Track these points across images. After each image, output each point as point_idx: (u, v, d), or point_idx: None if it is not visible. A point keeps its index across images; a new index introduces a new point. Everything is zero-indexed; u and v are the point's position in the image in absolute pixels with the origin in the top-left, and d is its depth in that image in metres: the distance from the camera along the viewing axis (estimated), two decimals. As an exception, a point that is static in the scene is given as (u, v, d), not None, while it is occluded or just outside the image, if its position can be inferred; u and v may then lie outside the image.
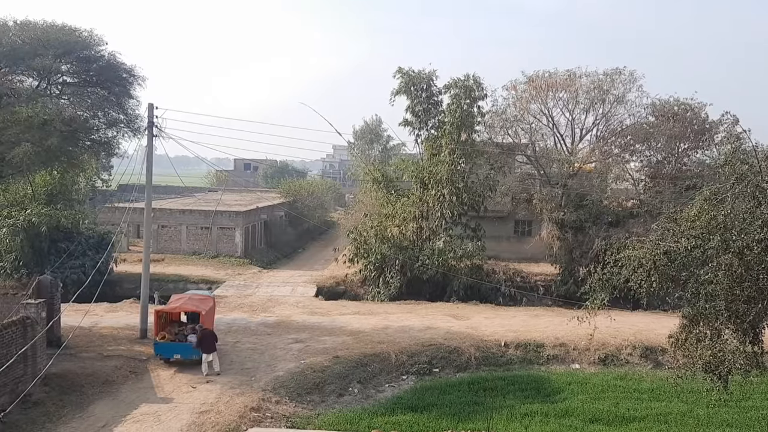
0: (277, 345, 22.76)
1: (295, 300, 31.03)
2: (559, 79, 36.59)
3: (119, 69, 25.10)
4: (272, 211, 50.84)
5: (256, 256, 43.03)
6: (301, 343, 23.07)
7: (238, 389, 18.31)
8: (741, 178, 12.31)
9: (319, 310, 28.88)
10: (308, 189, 60.44)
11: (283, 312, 28.10)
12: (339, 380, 20.10)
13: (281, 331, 24.64)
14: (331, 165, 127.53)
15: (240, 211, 43.67)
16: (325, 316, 27.74)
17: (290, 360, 21.13)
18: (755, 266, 11.97)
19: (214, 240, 42.47)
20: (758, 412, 18.10)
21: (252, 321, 26.19)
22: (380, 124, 75.84)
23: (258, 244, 46.42)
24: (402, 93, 35.19)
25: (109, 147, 25.78)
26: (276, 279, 36.93)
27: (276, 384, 18.95)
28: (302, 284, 35.33)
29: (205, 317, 20.55)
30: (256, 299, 30.83)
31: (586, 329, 14.10)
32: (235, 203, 49.60)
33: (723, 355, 12.24)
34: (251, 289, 33.62)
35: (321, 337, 23.97)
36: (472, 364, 22.41)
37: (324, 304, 30.81)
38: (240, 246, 42.30)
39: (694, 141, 34.32)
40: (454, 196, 33.94)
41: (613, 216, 34.28)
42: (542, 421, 17.39)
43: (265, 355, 21.55)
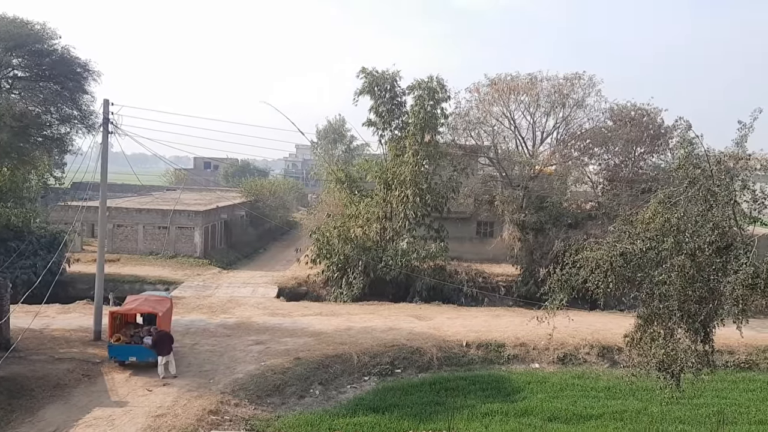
0: (237, 347, 22.43)
1: (255, 301, 30.65)
2: (521, 83, 37.09)
3: (73, 63, 24.44)
4: (233, 211, 50.17)
5: (215, 257, 42.38)
6: (262, 344, 22.80)
7: (196, 392, 17.98)
8: (693, 182, 12.62)
9: (280, 312, 28.59)
10: (270, 188, 59.81)
11: (243, 313, 27.73)
12: (300, 382, 19.92)
13: (241, 333, 24.30)
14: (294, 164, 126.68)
15: (199, 210, 42.95)
16: (287, 317, 27.48)
17: (250, 362, 20.85)
18: (706, 267, 12.29)
19: (173, 240, 41.67)
20: (709, 409, 18.64)
21: (211, 322, 25.76)
22: (344, 124, 75.81)
23: (218, 244, 45.74)
24: (366, 93, 35.14)
25: (62, 143, 25.09)
26: (236, 280, 36.44)
27: (235, 386, 18.68)
28: (263, 285, 34.93)
29: (161, 319, 20.13)
30: (216, 300, 30.35)
31: (546, 329, 14.25)
32: (195, 202, 48.79)
33: (676, 353, 12.53)
34: (211, 290, 33.10)
35: (282, 338, 23.73)
36: (434, 365, 22.49)
37: (285, 305, 30.52)
38: (199, 246, 41.61)
39: (650, 145, 35.20)
40: (418, 197, 34.03)
41: (572, 218, 34.89)
42: (502, 420, 17.56)
43: (225, 357, 21.22)
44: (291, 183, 79.46)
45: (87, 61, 24.83)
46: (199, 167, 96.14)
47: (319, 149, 73.12)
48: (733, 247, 12.23)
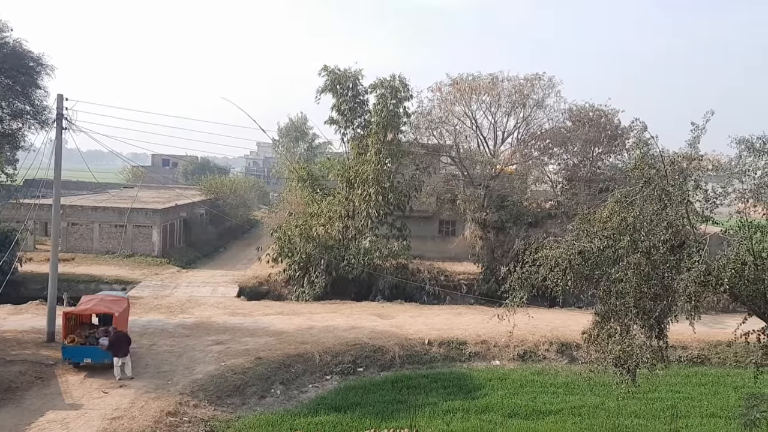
0: (196, 347, 22.08)
1: (215, 300, 30.23)
2: (483, 83, 37.43)
3: (25, 57, 23.62)
4: (192, 209, 49.35)
5: (174, 256, 41.62)
6: (222, 344, 22.49)
7: (153, 393, 17.63)
8: (649, 182, 12.92)
9: (241, 311, 28.26)
10: (231, 186, 58.98)
11: (203, 313, 27.31)
12: (261, 382, 19.73)
13: (201, 333, 23.93)
14: (255, 162, 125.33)
15: (157, 208, 42.12)
16: (248, 316, 27.18)
17: (210, 362, 20.55)
18: (661, 265, 12.60)
19: (130, 239, 40.77)
20: (663, 403, 19.15)
21: (169, 322, 25.30)
22: (306, 122, 75.28)
23: (177, 243, 44.94)
24: (328, 91, 35.00)
25: (13, 139, 24.27)
26: (196, 279, 35.86)
27: (194, 387, 18.38)
28: (223, 284, 34.46)
29: (118, 319, 19.66)
30: (174, 300, 29.81)
31: (506, 327, 14.44)
32: (153, 200, 47.83)
33: (631, 349, 12.82)
34: (169, 289, 32.49)
35: (243, 338, 23.45)
36: (396, 363, 22.55)
37: (246, 304, 30.17)
38: (157, 245, 40.81)
39: (607, 145, 35.94)
40: (380, 196, 34.06)
41: (532, 217, 35.39)
42: (463, 417, 17.71)
43: (183, 358, 20.86)
44: (252, 181, 78.55)
45: (40, 55, 24.03)
46: (157, 164, 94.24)
47: (281, 147, 72.49)
48: (686, 246, 12.57)
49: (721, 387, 21.04)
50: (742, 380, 20.77)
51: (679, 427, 17.13)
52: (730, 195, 13.19)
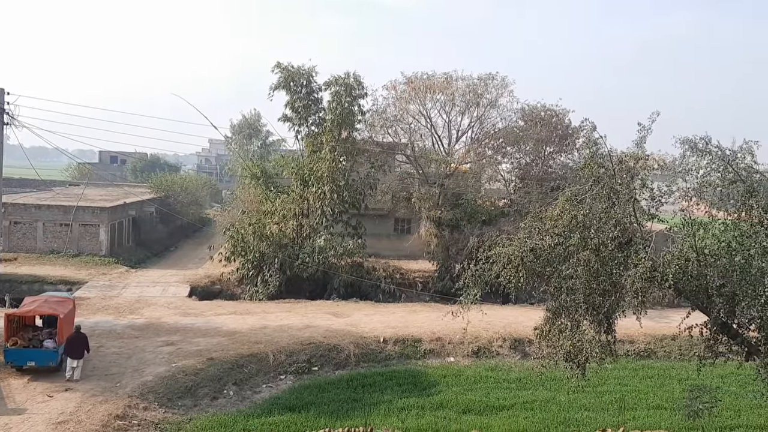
0: (146, 348, 21.55)
1: (166, 301, 29.56)
2: (437, 82, 37.68)
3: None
4: (142, 207, 48.15)
5: (123, 255, 40.52)
6: (173, 345, 22.01)
7: (101, 396, 17.11)
8: (598, 181, 13.22)
9: (192, 311, 27.72)
10: (182, 184, 57.77)
11: (153, 313, 26.67)
12: (213, 383, 19.39)
13: (150, 334, 23.36)
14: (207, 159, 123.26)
15: (105, 206, 40.90)
16: (199, 316, 26.68)
17: (160, 364, 20.08)
18: (609, 262, 12.92)
19: (76, 238, 39.50)
20: (612, 396, 19.66)
21: (118, 323, 24.61)
22: (259, 119, 74.38)
23: (125, 242, 43.77)
24: (281, 88, 34.67)
25: (-49, 134, 23.11)
26: (145, 279, 35.00)
27: (144, 389, 17.92)
28: (174, 284, 33.74)
29: (63, 321, 18.99)
30: (123, 300, 29.01)
31: (461, 324, 14.54)
32: (100, 198, 46.38)
33: (581, 344, 13.10)
34: (117, 289, 31.61)
35: (194, 338, 23.01)
36: (351, 361, 22.50)
37: (198, 304, 29.62)
38: (105, 244, 39.65)
39: (558, 145, 36.66)
40: (335, 194, 33.93)
41: (486, 215, 35.80)
42: (418, 414, 17.79)
43: (132, 360, 20.32)
44: (204, 179, 77.20)
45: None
46: (105, 161, 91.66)
47: (234, 144, 71.43)
48: (633, 243, 12.92)
49: (667, 379, 21.72)
50: (686, 373, 21.47)
51: (626, 419, 17.59)
52: (674, 193, 13.60)
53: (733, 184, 12.67)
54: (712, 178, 13.08)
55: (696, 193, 13.35)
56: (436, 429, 16.75)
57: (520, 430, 16.76)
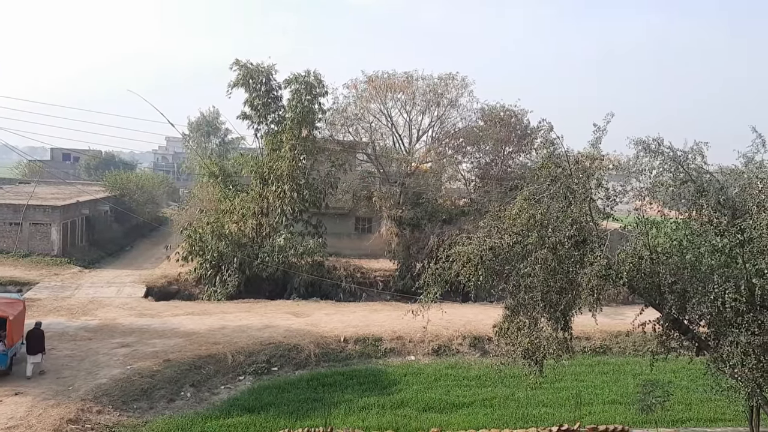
0: (100, 350, 21.00)
1: (121, 301, 28.88)
2: (398, 81, 37.77)
3: None
4: (96, 206, 46.89)
5: (76, 255, 39.39)
6: (128, 347, 21.50)
7: (53, 400, 16.59)
8: (555, 180, 13.42)
9: (148, 312, 27.14)
10: (137, 182, 56.47)
11: (107, 315, 26.01)
12: (170, 385, 19.02)
13: (105, 336, 22.78)
14: (164, 157, 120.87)
15: (57, 205, 39.68)
16: (156, 317, 26.14)
17: (115, 366, 19.60)
18: (566, 260, 13.13)
19: (26, 237, 38.22)
20: (568, 392, 20.02)
21: (71, 325, 23.92)
22: (218, 117, 73.39)
23: (78, 241, 42.55)
24: (240, 86, 34.26)
25: None
26: (99, 279, 34.12)
27: (98, 392, 17.47)
28: (130, 284, 32.98)
29: (13, 323, 18.33)
30: (76, 302, 28.21)
31: (421, 322, 14.59)
32: (52, 197, 44.98)
33: (539, 341, 13.27)
34: (70, 290, 30.72)
35: (150, 340, 22.53)
36: (311, 361, 22.37)
37: (154, 305, 29.03)
38: (57, 244, 38.48)
39: (517, 145, 37.12)
40: (295, 193, 33.69)
41: (447, 214, 36.04)
42: (379, 413, 17.81)
43: (86, 362, 19.78)
44: (161, 177, 75.68)
45: None
46: (57, 159, 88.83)
47: (192, 142, 70.25)
48: (589, 241, 13.15)
49: (621, 375, 22.23)
50: (639, 368, 21.99)
51: (582, 414, 17.93)
52: (628, 193, 13.90)
53: (684, 184, 13.01)
54: (664, 178, 13.40)
55: (649, 192, 13.66)
56: (397, 428, 16.79)
57: (479, 427, 16.91)
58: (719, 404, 17.29)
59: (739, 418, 16.45)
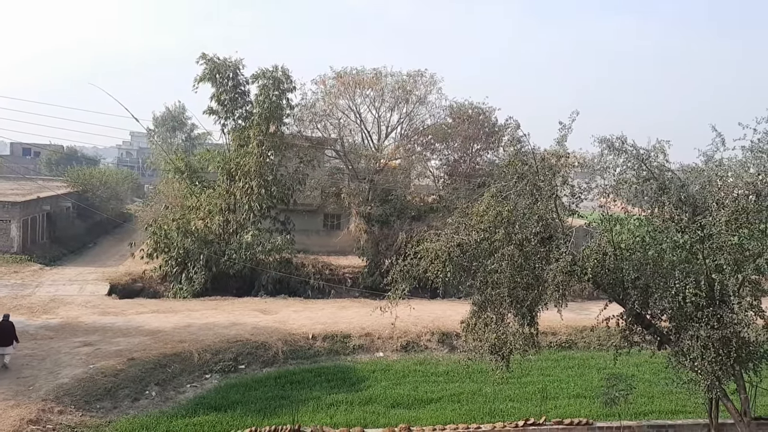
0: (62, 349, 20.51)
1: (84, 299, 28.25)
2: (366, 77, 37.74)
3: None
4: (57, 202, 45.76)
5: (36, 252, 38.39)
6: (91, 346, 21.05)
7: (12, 401, 16.15)
8: (522, 177, 13.56)
9: (112, 310, 26.62)
10: (101, 178, 55.27)
11: (69, 313, 25.43)
12: (134, 384, 18.69)
13: (67, 334, 22.27)
14: (129, 153, 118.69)
15: (17, 201, 38.58)
16: (120, 315, 25.66)
17: (77, 365, 19.16)
18: (533, 256, 13.29)
19: (-15, 234, 37.12)
20: (535, 387, 20.29)
21: (31, 324, 23.31)
22: (184, 111, 72.28)
23: (39, 238, 41.47)
24: (206, 80, 33.80)
25: None
26: (61, 277, 33.32)
27: (60, 392, 17.06)
28: (93, 282, 32.27)
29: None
30: (37, 300, 27.50)
31: (390, 319, 14.62)
32: (11, 192, 43.73)
33: (506, 337, 13.41)
34: (30, 288, 29.93)
35: (114, 338, 22.10)
36: (279, 359, 22.22)
37: (118, 302, 28.49)
38: (16, 240, 37.44)
39: (485, 142, 37.49)
40: (263, 189, 33.39)
41: (415, 210, 36.20)
42: (347, 410, 17.79)
43: (47, 362, 19.30)
44: (125, 172, 74.34)
45: None
46: (17, 154, 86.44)
47: (157, 137, 69.07)
48: (554, 238, 13.33)
49: (586, 369, 22.61)
50: (604, 362, 22.34)
51: (548, 408, 18.18)
52: (593, 190, 14.13)
53: (647, 182, 13.27)
54: (627, 175, 13.65)
55: (613, 190, 13.90)
56: (365, 424, 16.78)
57: (447, 422, 17.01)
58: (680, 397, 17.66)
59: (699, 410, 16.86)
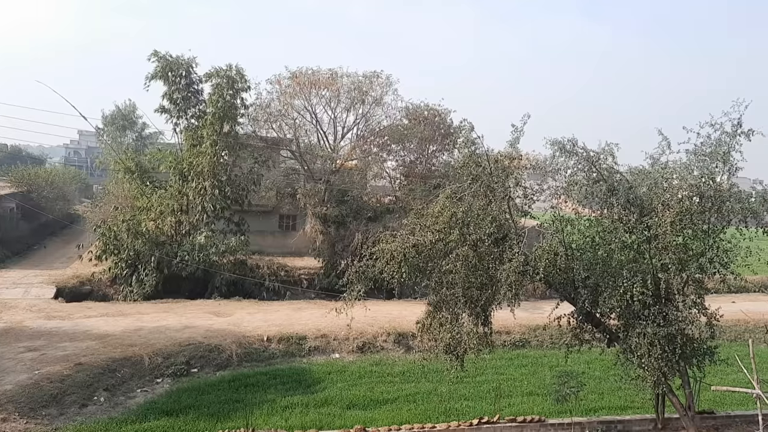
0: (5, 355, 19.72)
1: (28, 303, 27.25)
2: (322, 77, 37.62)
3: None
4: (0, 203, 44.08)
5: (-22, 255, 36.92)
6: (36, 351, 20.31)
7: (-50, 411, 15.47)
8: (476, 179, 13.74)
9: (59, 314, 25.75)
10: (47, 178, 53.49)
11: (13, 317, 24.48)
12: (82, 389, 18.11)
13: (10, 340, 21.43)
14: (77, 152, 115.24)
15: (-43, 201, 37.09)
16: (67, 319, 24.84)
17: (21, 371, 18.45)
18: (486, 257, 13.48)
19: None
20: (489, 385, 20.53)
21: (-29, 330, 22.38)
22: (134, 110, 70.60)
23: (-19, 240, 39.88)
24: (158, 78, 33.09)
25: None
26: (5, 280, 32.09)
27: (2, 399, 16.38)
28: (38, 285, 31.18)
29: None
30: (-22, 304, 26.42)
31: (346, 320, 14.58)
32: (-49, 192, 42.03)
33: (460, 336, 13.56)
34: (-29, 292, 28.74)
35: (61, 343, 21.38)
36: (233, 362, 21.89)
37: (65, 306, 27.58)
38: (-43, 243, 35.93)
39: (440, 144, 37.85)
40: (217, 190, 32.89)
41: (372, 211, 36.21)
42: (302, 412, 17.65)
43: (-11, 369, 18.55)
44: (73, 172, 72.13)
45: None
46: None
47: (106, 136, 67.28)
48: (508, 238, 13.56)
49: (539, 367, 23.01)
50: (556, 360, 22.81)
51: (501, 406, 18.44)
52: (545, 191, 14.44)
53: (597, 183, 13.63)
54: (578, 177, 14.00)
55: (564, 191, 14.23)
56: (320, 426, 16.68)
57: (402, 422, 17.04)
58: (628, 393, 18.15)
59: (646, 406, 17.35)
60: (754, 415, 13.85)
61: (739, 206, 13.27)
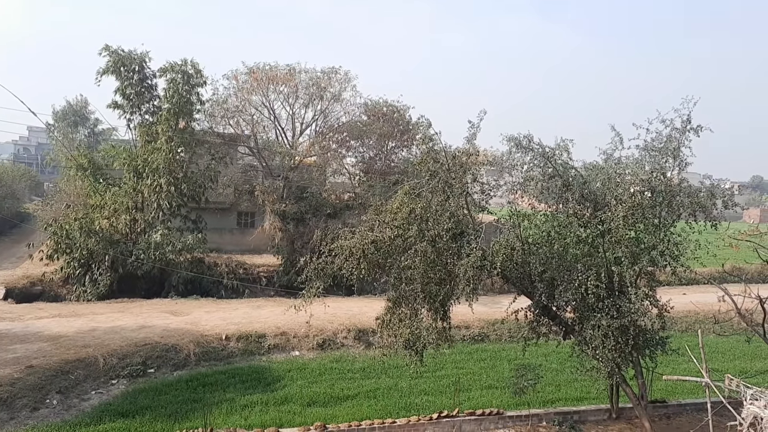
0: (-50, 360, 19.01)
1: (-25, 305, 26.32)
2: (280, 73, 37.25)
3: None
4: (-55, 201, 42.41)
5: None
6: (-17, 355, 19.63)
7: None
8: (434, 175, 13.85)
9: (8, 315, 24.91)
10: (-5, 175, 51.81)
11: (-42, 321, 23.60)
12: (33, 392, 17.57)
13: (-45, 344, 20.65)
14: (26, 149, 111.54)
15: None
16: (17, 321, 24.05)
17: (-33, 377, 17.82)
18: (445, 252, 13.60)
19: None
20: (449, 380, 20.74)
21: None
22: (86, 106, 68.74)
23: (-76, 240, 38.28)
24: (110, 73, 32.31)
25: None
26: (-50, 282, 30.88)
27: (-53, 406, 15.82)
28: (-14, 286, 30.12)
29: None
30: None
31: (305, 317, 14.52)
32: None
33: (419, 332, 13.66)
34: None
35: (10, 345, 20.69)
36: (191, 361, 21.56)
37: (15, 307, 26.71)
38: None
39: (399, 140, 37.98)
40: (173, 187, 32.28)
41: (331, 208, 36.11)
42: (262, 411, 17.50)
43: (-68, 374, 17.83)
44: (22, 169, 69.75)
45: None
46: None
47: (57, 132, 65.29)
48: (466, 234, 13.70)
49: (498, 361, 23.32)
50: (514, 353, 23.11)
51: (461, 400, 18.66)
52: (502, 187, 14.65)
53: (552, 179, 13.88)
54: (534, 173, 14.23)
55: (520, 186, 14.45)
56: (280, 424, 16.58)
57: (363, 418, 17.08)
58: (584, 384, 18.57)
59: (601, 396, 17.80)
60: (703, 403, 14.34)
61: (688, 200, 13.69)
